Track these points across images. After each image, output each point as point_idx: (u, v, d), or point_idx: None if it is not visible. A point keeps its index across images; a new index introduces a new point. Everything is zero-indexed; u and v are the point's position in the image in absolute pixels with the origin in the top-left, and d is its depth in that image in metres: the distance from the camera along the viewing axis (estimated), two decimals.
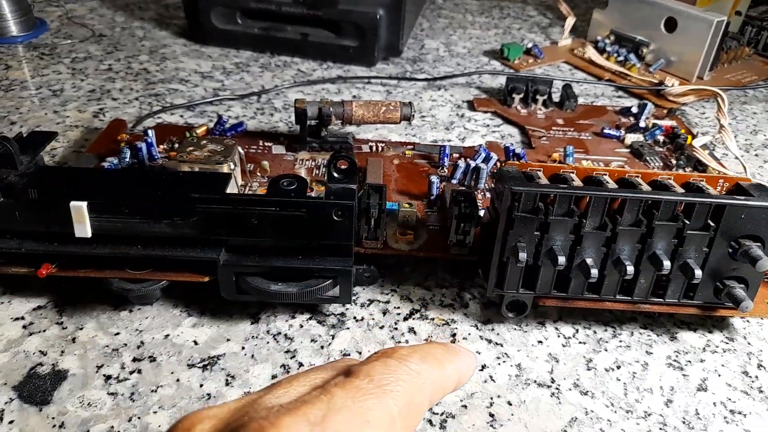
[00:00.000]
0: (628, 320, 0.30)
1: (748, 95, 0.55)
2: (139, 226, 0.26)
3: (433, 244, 0.31)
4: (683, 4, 0.54)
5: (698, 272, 0.26)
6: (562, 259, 0.26)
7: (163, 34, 0.59)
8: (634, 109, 0.47)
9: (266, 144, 0.40)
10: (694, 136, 0.43)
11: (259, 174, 0.36)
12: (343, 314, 0.30)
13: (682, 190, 0.27)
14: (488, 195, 0.35)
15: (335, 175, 0.28)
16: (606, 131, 0.44)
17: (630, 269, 0.26)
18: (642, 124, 0.44)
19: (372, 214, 0.29)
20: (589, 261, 0.27)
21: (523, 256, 0.26)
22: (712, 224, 0.26)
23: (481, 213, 0.30)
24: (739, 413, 0.26)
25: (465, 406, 0.26)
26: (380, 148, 0.40)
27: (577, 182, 0.27)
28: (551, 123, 0.46)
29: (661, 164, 0.40)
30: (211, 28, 0.54)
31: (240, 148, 0.34)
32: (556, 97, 0.48)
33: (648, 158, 0.41)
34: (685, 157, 0.40)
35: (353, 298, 0.30)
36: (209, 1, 0.53)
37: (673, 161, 0.41)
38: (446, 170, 0.38)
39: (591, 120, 0.46)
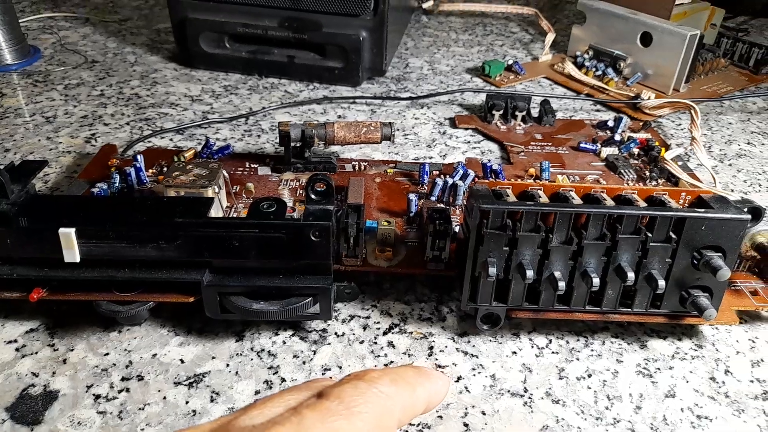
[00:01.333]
0: (600, 330, 0.32)
1: (724, 105, 0.57)
2: (125, 251, 0.27)
3: (411, 261, 0.32)
4: (658, 19, 0.56)
5: (662, 282, 0.28)
6: (530, 273, 0.27)
7: (154, 59, 0.60)
8: (611, 123, 0.48)
9: (252, 165, 0.41)
10: (668, 148, 0.44)
11: (244, 195, 0.38)
12: (324, 330, 0.31)
13: (645, 204, 0.29)
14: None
15: (313, 196, 0.29)
16: (582, 145, 0.45)
17: (596, 281, 0.27)
18: (618, 137, 0.46)
19: (350, 233, 0.30)
20: (557, 274, 0.28)
21: (492, 271, 0.27)
22: (674, 236, 0.28)
23: (457, 229, 0.32)
24: (706, 418, 0.27)
25: (440, 417, 0.27)
26: (363, 167, 0.41)
27: (544, 199, 0.29)
28: (530, 138, 0.47)
29: (635, 177, 0.42)
30: (200, 52, 0.56)
31: (224, 171, 0.35)
32: (535, 113, 0.50)
33: (622, 171, 0.42)
34: (658, 169, 0.42)
35: (334, 314, 0.31)
36: (198, 26, 0.55)
37: (647, 173, 0.42)
38: (426, 187, 0.39)
39: (569, 134, 0.48)
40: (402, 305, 0.32)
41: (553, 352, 0.30)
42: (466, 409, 0.27)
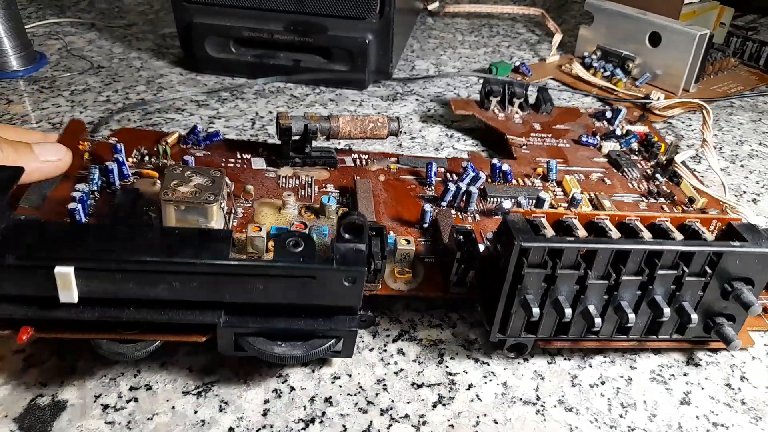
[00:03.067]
0: None
1: (734, 105, 0.56)
2: (131, 291, 0.24)
3: (430, 280, 0.31)
4: (667, 19, 0.55)
5: (694, 316, 0.27)
6: (568, 312, 0.26)
7: (160, 64, 0.60)
8: (608, 114, 0.48)
9: (245, 156, 0.39)
10: (669, 146, 0.43)
11: (243, 198, 0.35)
12: None
13: (681, 236, 0.27)
14: (478, 218, 0.36)
15: (344, 235, 0.26)
16: (584, 140, 0.44)
17: (632, 317, 0.27)
18: (617, 131, 0.45)
19: (375, 263, 0.28)
20: (592, 309, 0.27)
21: (536, 311, 0.26)
22: (708, 270, 0.27)
23: (481, 248, 0.30)
24: (722, 426, 0.27)
25: (452, 426, 0.26)
26: (365, 162, 0.40)
27: (582, 231, 0.27)
28: (529, 129, 0.46)
29: (639, 176, 0.41)
30: (205, 56, 0.56)
31: (228, 179, 0.33)
32: (532, 99, 0.49)
33: (626, 169, 0.41)
34: (661, 169, 0.41)
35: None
36: (203, 30, 0.54)
37: (649, 171, 0.42)
38: (434, 188, 0.38)
39: (567, 124, 0.47)
40: (411, 312, 0.32)
41: (565, 359, 0.30)
42: (478, 417, 0.27)
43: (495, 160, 0.39)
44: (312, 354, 0.26)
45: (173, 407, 0.27)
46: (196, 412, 0.26)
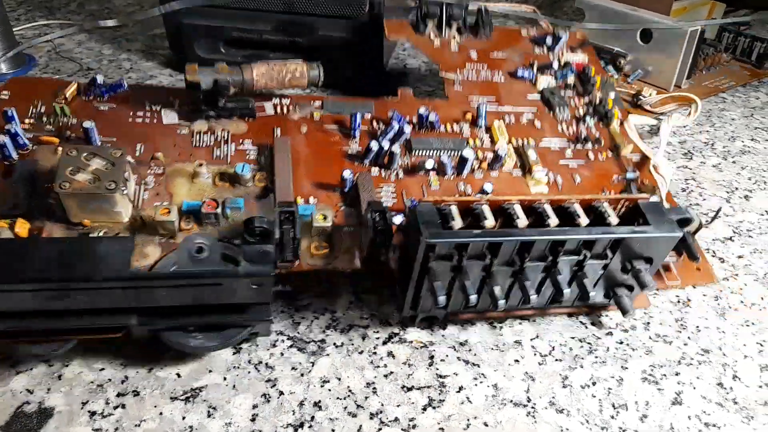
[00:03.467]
0: (605, 336, 0.31)
1: (726, 101, 0.56)
2: (40, 304, 0.25)
3: (348, 254, 0.30)
4: (657, 15, 0.55)
5: (593, 293, 0.29)
6: (473, 298, 0.27)
7: (150, 65, 0.60)
8: (549, 40, 0.47)
9: (155, 108, 0.35)
10: (607, 77, 0.43)
11: (154, 166, 0.32)
12: (323, 341, 0.30)
13: (586, 220, 0.28)
14: (401, 175, 0.35)
15: (250, 239, 0.26)
16: (519, 73, 0.43)
17: (533, 298, 0.28)
18: (555, 64, 0.44)
19: (287, 246, 0.28)
20: (497, 291, 0.28)
21: (442, 300, 0.27)
22: (609, 254, 0.28)
23: (398, 221, 0.30)
24: (714, 426, 0.27)
25: (442, 429, 0.26)
26: (286, 110, 0.37)
27: (490, 219, 0.27)
28: (465, 57, 0.45)
29: (569, 116, 0.41)
30: (195, 57, 0.55)
31: (129, 158, 0.31)
32: (471, 21, 0.47)
33: (558, 109, 0.41)
34: (593, 108, 0.41)
35: (333, 323, 0.31)
36: (193, 31, 0.54)
37: (581, 111, 0.41)
38: (358, 141, 0.36)
39: (505, 51, 0.46)
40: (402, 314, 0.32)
41: (556, 360, 0.30)
42: (468, 420, 0.27)
43: (422, 109, 0.38)
44: (228, 343, 0.28)
45: (161, 413, 0.26)
46: (184, 418, 0.26)
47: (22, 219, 0.28)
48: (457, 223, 0.27)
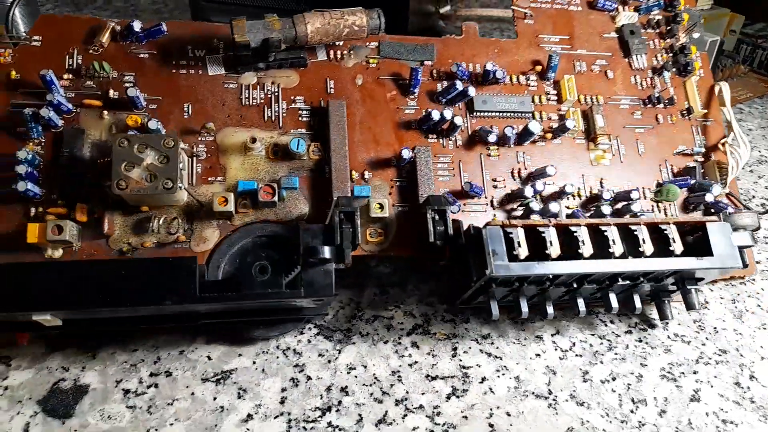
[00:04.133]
0: (624, 333, 0.32)
1: (743, 112, 0.57)
2: (106, 314, 0.27)
3: (403, 240, 0.30)
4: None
5: (639, 306, 0.30)
6: (525, 311, 0.28)
7: None
8: None
9: (198, 54, 0.32)
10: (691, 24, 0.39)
11: (205, 134, 0.31)
12: (349, 330, 0.31)
13: (651, 248, 0.27)
14: (459, 142, 0.33)
15: (310, 260, 0.27)
16: (600, 2, 0.39)
17: (582, 311, 0.29)
18: None
19: (346, 239, 0.27)
20: (549, 309, 0.29)
21: (496, 314, 0.28)
22: (667, 279, 0.29)
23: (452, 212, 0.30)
24: (731, 423, 0.27)
25: (465, 417, 0.27)
26: (340, 54, 0.34)
27: (555, 248, 0.27)
28: None
29: (646, 65, 0.38)
30: None
31: (183, 143, 0.30)
32: None
33: (635, 56, 0.38)
34: (673, 56, 0.38)
35: (359, 313, 0.32)
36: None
37: (660, 58, 0.38)
38: (416, 98, 0.34)
39: None
40: (425, 306, 0.32)
41: (576, 355, 0.30)
42: (491, 410, 0.27)
43: (489, 65, 0.35)
44: (286, 332, 0.30)
45: (192, 393, 0.27)
46: (215, 399, 0.27)
47: (81, 204, 0.28)
48: (523, 251, 0.26)
